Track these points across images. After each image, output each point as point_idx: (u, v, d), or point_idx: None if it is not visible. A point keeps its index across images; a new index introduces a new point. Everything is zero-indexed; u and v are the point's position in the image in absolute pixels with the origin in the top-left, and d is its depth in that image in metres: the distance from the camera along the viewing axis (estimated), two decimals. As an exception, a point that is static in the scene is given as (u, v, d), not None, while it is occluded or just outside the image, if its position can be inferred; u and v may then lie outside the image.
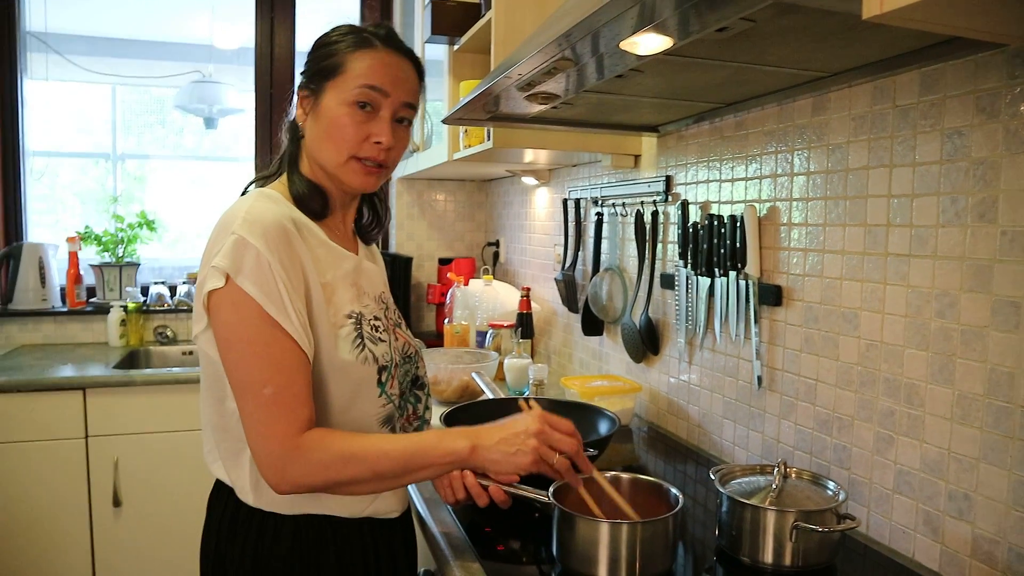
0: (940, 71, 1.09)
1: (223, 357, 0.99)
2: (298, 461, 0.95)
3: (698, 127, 1.70)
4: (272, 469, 0.95)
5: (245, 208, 1.00)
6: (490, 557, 1.16)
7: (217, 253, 0.97)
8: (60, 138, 3.35)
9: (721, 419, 1.65)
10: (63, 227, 3.31)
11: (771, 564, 1.10)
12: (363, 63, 1.07)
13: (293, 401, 0.96)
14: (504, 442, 1.02)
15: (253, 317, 0.95)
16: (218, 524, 1.10)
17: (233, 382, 0.98)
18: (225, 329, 0.97)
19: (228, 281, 0.95)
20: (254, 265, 0.95)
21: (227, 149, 3.63)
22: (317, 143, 1.09)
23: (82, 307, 3.05)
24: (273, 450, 0.95)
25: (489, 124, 1.73)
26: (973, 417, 1.06)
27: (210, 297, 0.97)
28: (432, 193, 3.34)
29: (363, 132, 1.08)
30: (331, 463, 0.96)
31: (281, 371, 0.96)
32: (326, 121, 1.08)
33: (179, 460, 2.52)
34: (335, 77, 1.08)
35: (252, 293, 0.95)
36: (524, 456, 1.02)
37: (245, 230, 0.96)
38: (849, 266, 1.28)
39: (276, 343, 0.96)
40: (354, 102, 1.07)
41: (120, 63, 3.50)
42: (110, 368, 2.58)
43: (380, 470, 0.98)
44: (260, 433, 0.95)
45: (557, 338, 2.58)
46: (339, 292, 1.08)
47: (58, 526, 2.45)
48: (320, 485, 0.97)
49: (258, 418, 0.95)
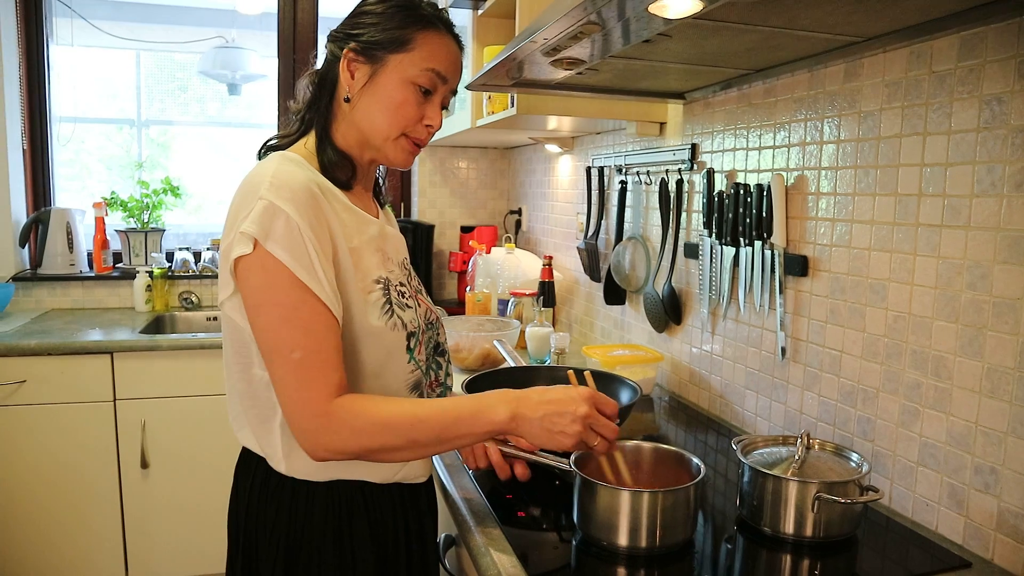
0: (981, 35, 1.06)
1: (252, 322, 0.97)
2: (331, 427, 0.93)
3: (725, 94, 1.66)
4: (306, 435, 0.94)
5: (271, 172, 0.98)
6: (511, 523, 1.17)
7: (245, 218, 0.94)
8: (86, 104, 3.37)
9: (743, 390, 1.64)
10: (89, 193, 3.35)
11: (792, 535, 1.10)
12: (432, 45, 1.06)
13: (324, 365, 0.94)
14: (548, 419, 0.98)
15: (283, 281, 0.94)
16: (248, 492, 1.09)
17: (263, 347, 0.97)
18: (254, 294, 0.95)
19: (256, 246, 0.93)
20: (284, 230, 0.94)
21: (249, 115, 3.63)
22: (369, 115, 1.07)
23: (109, 272, 3.09)
24: (306, 415, 0.94)
25: (513, 90, 1.71)
26: (1003, 391, 1.05)
27: (238, 263, 0.95)
28: (454, 160, 3.32)
29: (419, 113, 1.07)
30: (364, 429, 0.94)
31: (310, 335, 0.94)
32: (384, 94, 1.05)
33: (205, 424, 2.57)
34: (401, 51, 1.05)
35: (282, 258, 0.93)
36: (567, 438, 0.99)
37: (273, 194, 0.94)
38: (878, 236, 1.25)
39: (305, 307, 0.94)
40: (418, 84, 1.05)
41: (144, 28, 3.49)
42: (136, 333, 2.62)
43: (416, 437, 0.96)
44: (291, 399, 0.94)
45: (579, 307, 2.58)
46: (366, 257, 1.06)
47: (88, 487, 2.51)
48: (355, 452, 0.96)
49: (289, 383, 0.94)
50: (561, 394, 1.01)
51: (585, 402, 1.00)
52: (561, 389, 1.02)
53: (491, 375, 1.63)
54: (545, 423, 0.98)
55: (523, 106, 1.82)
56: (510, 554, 1.06)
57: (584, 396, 1.01)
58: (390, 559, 1.10)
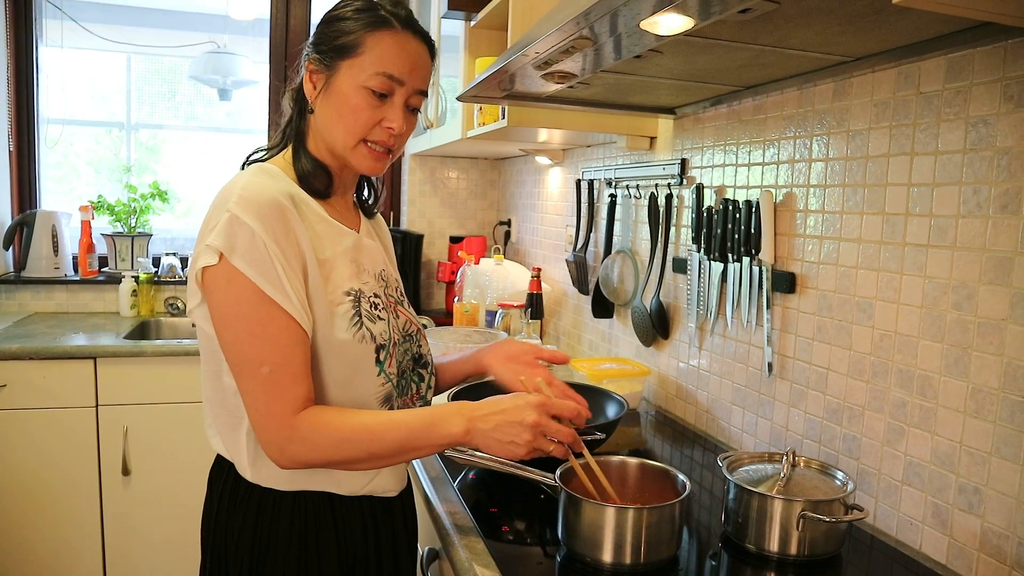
0: (968, 57, 1.07)
1: (219, 335, 0.98)
2: (296, 440, 0.96)
3: (716, 110, 1.67)
4: (272, 446, 0.97)
5: (241, 184, 0.98)
6: (495, 537, 1.16)
7: (211, 230, 0.96)
8: (74, 106, 3.35)
9: (730, 405, 1.65)
10: (76, 196, 3.32)
11: (777, 552, 1.10)
12: (381, 46, 1.04)
13: (290, 380, 0.96)
14: (499, 429, 1.00)
15: (249, 296, 0.95)
16: (219, 499, 1.10)
17: (230, 360, 0.98)
18: (220, 307, 0.97)
19: (222, 259, 0.94)
20: (248, 244, 0.94)
21: (239, 121, 3.62)
22: (327, 123, 1.07)
23: (94, 276, 3.07)
24: (272, 429, 0.96)
25: (504, 102, 1.71)
26: (987, 411, 1.05)
27: (204, 273, 0.96)
28: (444, 170, 3.32)
29: (376, 117, 1.06)
30: (326, 443, 0.97)
31: (277, 349, 0.96)
32: (338, 102, 1.05)
33: (188, 431, 2.55)
34: (350, 56, 1.04)
35: (247, 273, 0.94)
36: (518, 447, 1.01)
37: (240, 208, 0.95)
38: (865, 255, 1.26)
39: (272, 322, 0.95)
40: (370, 89, 1.04)
41: (135, 31, 3.48)
42: (121, 338, 2.59)
43: (374, 451, 0.99)
44: (259, 411, 0.96)
45: (567, 319, 2.57)
46: (338, 269, 1.06)
47: (68, 493, 2.48)
48: (319, 463, 0.99)
49: (256, 397, 0.96)
50: (510, 403, 1.03)
51: (534, 410, 1.02)
52: (511, 398, 1.04)
53: (478, 387, 1.62)
54: (496, 433, 1.01)
55: (514, 119, 1.82)
56: (493, 569, 1.05)
57: (532, 404, 1.02)
58: (357, 574, 1.10)
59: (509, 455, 1.02)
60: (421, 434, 1.00)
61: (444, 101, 2.57)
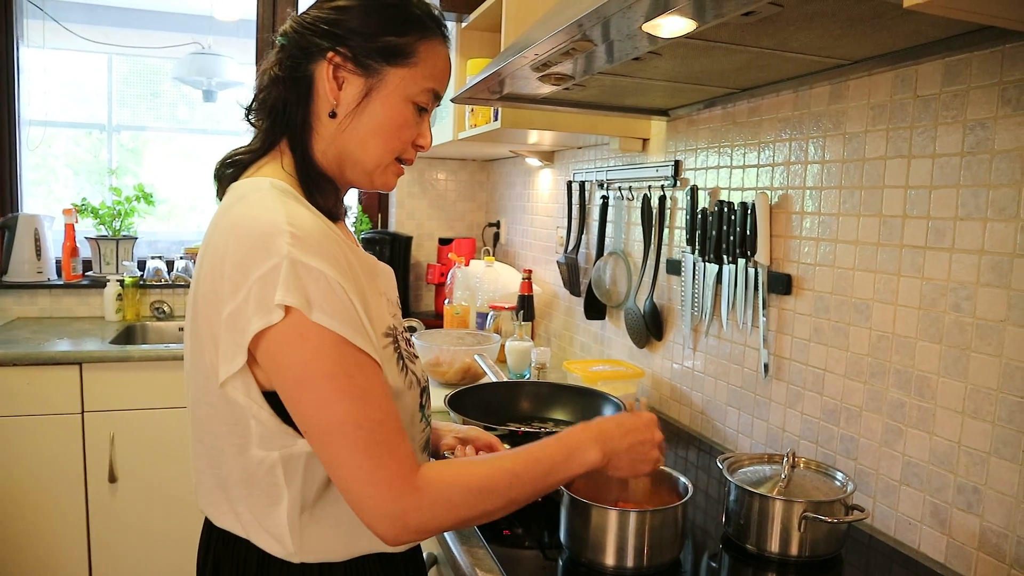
0: (965, 61, 1.08)
1: (293, 400, 0.81)
2: (424, 506, 0.80)
3: (710, 112, 1.68)
4: (388, 520, 0.80)
5: (284, 217, 0.80)
6: (496, 542, 1.15)
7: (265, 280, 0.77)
8: (55, 107, 3.30)
9: (725, 407, 1.65)
10: (56, 198, 3.27)
11: (777, 553, 1.11)
12: (434, 58, 0.93)
13: (395, 436, 0.81)
14: (633, 449, 0.98)
15: (330, 347, 0.79)
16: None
17: (313, 431, 0.81)
18: (293, 370, 0.79)
19: (288, 314, 0.78)
20: (325, 293, 0.79)
21: (222, 122, 3.58)
22: (361, 136, 0.91)
23: (78, 280, 3.02)
24: (388, 499, 0.79)
25: (498, 104, 1.71)
26: (986, 411, 1.06)
27: (262, 337, 0.79)
28: (433, 172, 3.31)
29: (415, 134, 0.95)
30: (463, 501, 0.83)
31: (371, 403, 0.80)
32: (385, 117, 0.91)
33: (176, 437, 2.51)
34: (404, 64, 0.90)
35: (330, 326, 0.78)
36: (647, 465, 1.00)
37: (300, 250, 0.78)
38: (862, 257, 1.27)
39: (361, 373, 0.80)
40: (416, 103, 0.93)
41: (117, 32, 3.43)
42: (107, 343, 2.56)
43: (514, 495, 0.87)
44: (365, 482, 0.79)
45: (558, 321, 2.57)
46: (373, 304, 0.89)
47: (54, 501, 2.43)
48: (450, 525, 0.84)
49: (358, 465, 0.79)
50: (632, 423, 1.01)
51: (656, 427, 1.02)
52: (629, 418, 1.02)
53: (474, 390, 1.62)
54: (631, 453, 0.99)
55: (508, 120, 1.82)
56: (496, 574, 1.05)
57: (654, 421, 1.03)
58: None
59: (636, 473, 1.01)
60: (560, 467, 0.91)
61: (434, 103, 2.56)
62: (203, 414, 0.91)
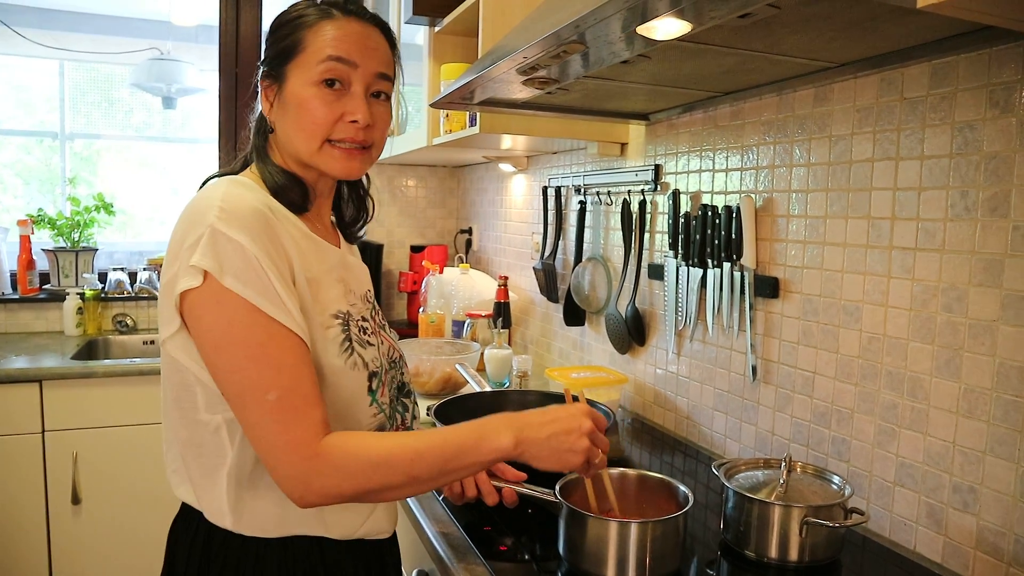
0: (952, 64, 1.08)
1: (212, 364, 0.88)
2: (323, 471, 0.85)
3: (690, 116, 1.67)
4: (294, 481, 0.86)
5: (220, 196, 0.89)
6: (494, 557, 1.12)
7: (192, 249, 0.86)
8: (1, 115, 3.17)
9: (712, 411, 1.64)
10: (4, 208, 3.15)
11: (777, 559, 1.10)
12: (325, 35, 0.97)
13: (303, 403, 0.86)
14: (555, 438, 0.94)
15: (244, 317, 0.86)
16: (186, 557, 0.98)
17: (230, 391, 0.88)
18: (211, 333, 0.87)
19: (207, 279, 0.85)
20: (239, 260, 0.86)
21: (183, 129, 3.49)
22: (288, 134, 0.99)
23: (35, 294, 2.91)
24: (292, 461, 0.85)
25: (477, 109, 1.68)
26: (980, 410, 1.07)
27: (184, 298, 0.87)
28: (403, 179, 3.27)
29: (335, 112, 0.97)
30: (361, 470, 0.86)
31: (283, 371, 0.86)
32: (293, 107, 0.98)
33: (142, 455, 2.42)
34: (296, 56, 0.97)
35: (241, 292, 0.85)
36: (576, 456, 0.95)
37: (224, 222, 0.86)
38: (851, 259, 1.27)
39: (273, 342, 0.86)
40: (320, 80, 0.96)
41: (71, 37, 3.32)
42: (68, 359, 2.46)
43: (416, 473, 0.89)
44: (273, 444, 0.85)
45: (535, 328, 2.55)
46: (325, 289, 0.98)
47: (13, 525, 2.33)
48: (350, 494, 0.88)
49: (267, 427, 0.85)
50: (562, 412, 0.97)
51: (587, 416, 0.97)
52: (559, 408, 0.98)
53: (459, 401, 1.58)
54: (553, 443, 0.94)
55: (486, 125, 1.79)
56: (497, 591, 1.02)
57: (585, 411, 0.98)
58: None
59: (565, 465, 0.96)
60: (469, 450, 0.91)
61: (404, 109, 2.53)
62: (164, 380, 0.98)
